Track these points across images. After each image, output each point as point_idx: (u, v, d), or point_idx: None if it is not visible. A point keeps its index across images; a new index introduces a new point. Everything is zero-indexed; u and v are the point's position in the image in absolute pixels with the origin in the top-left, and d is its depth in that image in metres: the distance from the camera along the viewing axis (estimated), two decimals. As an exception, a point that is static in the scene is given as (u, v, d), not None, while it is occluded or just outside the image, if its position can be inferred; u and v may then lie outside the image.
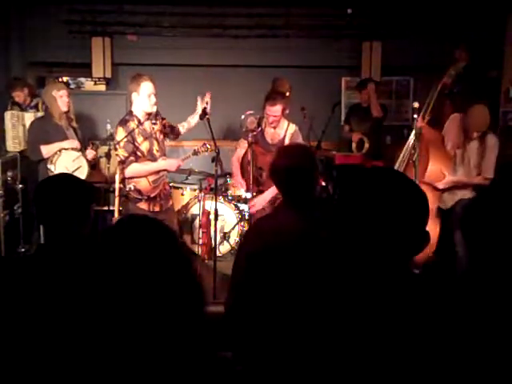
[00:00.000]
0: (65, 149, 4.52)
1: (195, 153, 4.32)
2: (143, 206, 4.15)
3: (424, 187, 4.38)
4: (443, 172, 4.44)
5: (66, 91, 4.68)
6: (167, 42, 6.31)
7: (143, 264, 1.16)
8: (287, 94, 4.76)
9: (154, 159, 4.16)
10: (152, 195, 4.16)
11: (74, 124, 4.76)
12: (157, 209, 4.21)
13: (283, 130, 4.55)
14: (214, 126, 4.33)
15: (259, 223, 2.52)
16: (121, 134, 4.04)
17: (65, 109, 4.61)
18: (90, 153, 4.63)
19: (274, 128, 4.50)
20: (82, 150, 4.62)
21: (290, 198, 2.31)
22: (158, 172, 4.18)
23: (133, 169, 4.08)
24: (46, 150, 4.47)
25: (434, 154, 4.48)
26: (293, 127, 4.55)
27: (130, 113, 4.13)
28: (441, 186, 4.41)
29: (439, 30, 6.31)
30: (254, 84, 5.89)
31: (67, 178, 2.17)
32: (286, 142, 4.46)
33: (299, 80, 6.20)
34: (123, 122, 4.08)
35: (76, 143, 4.62)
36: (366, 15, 6.33)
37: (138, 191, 4.13)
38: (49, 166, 4.45)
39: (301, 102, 5.18)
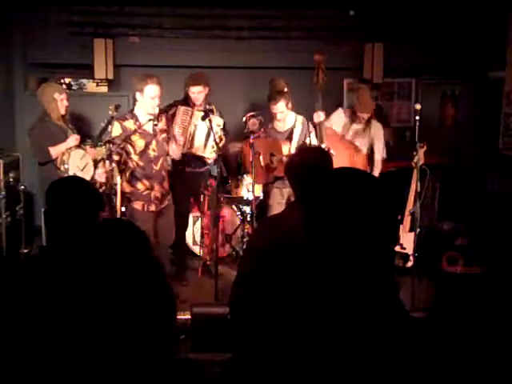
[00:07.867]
0: (72, 148, 4.51)
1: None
2: (137, 206, 4.18)
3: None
4: (364, 158, 4.80)
5: (66, 94, 4.67)
6: (169, 44, 6.31)
7: (113, 266, 1.20)
8: (285, 89, 4.87)
9: (147, 158, 4.17)
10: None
11: (70, 125, 4.75)
12: (152, 208, 4.24)
13: (293, 120, 4.73)
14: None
15: (271, 219, 2.51)
16: (117, 129, 4.06)
17: (63, 112, 4.61)
18: (91, 152, 4.67)
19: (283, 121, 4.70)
20: (82, 147, 4.64)
21: (303, 195, 2.29)
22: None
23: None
24: (55, 151, 4.47)
25: (345, 145, 4.82)
26: (301, 117, 4.73)
27: (131, 111, 4.16)
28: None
29: (440, 31, 6.30)
30: (256, 86, 5.88)
31: (79, 182, 2.21)
32: (297, 127, 4.68)
33: (301, 82, 6.18)
34: (121, 119, 4.12)
35: (76, 138, 4.60)
36: (368, 17, 6.33)
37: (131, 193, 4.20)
38: (61, 166, 4.44)
39: (303, 104, 5.17)
